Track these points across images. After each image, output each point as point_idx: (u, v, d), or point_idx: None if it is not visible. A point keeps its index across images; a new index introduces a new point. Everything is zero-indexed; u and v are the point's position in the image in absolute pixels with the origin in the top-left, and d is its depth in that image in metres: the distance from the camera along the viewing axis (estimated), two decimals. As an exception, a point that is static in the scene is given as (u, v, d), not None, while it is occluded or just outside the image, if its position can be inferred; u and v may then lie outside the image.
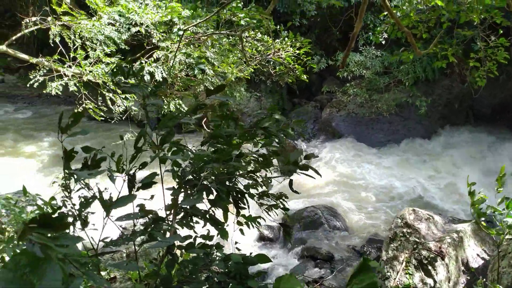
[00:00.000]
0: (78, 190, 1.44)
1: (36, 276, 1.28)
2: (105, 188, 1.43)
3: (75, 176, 1.33)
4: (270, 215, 1.95)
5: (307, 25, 12.63)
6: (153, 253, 3.47)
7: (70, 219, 1.42)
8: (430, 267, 4.52)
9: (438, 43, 5.26)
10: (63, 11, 6.95)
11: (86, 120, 13.85)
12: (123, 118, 8.04)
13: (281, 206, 2.06)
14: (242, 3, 4.27)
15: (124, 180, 1.71)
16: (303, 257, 6.36)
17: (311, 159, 1.82)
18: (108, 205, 1.25)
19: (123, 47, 7.92)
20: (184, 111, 1.73)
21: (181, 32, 4.45)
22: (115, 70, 1.54)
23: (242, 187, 1.91)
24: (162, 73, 6.37)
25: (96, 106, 6.62)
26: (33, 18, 6.77)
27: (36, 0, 15.16)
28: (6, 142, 11.62)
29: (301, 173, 1.70)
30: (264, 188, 1.95)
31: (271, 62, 6.50)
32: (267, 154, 1.82)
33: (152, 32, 6.82)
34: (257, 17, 3.75)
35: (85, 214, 1.32)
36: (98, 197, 1.31)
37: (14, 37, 6.97)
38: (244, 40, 5.01)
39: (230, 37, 5.38)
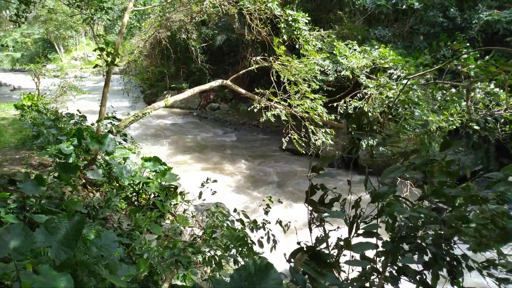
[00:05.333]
0: (318, 226, 1.54)
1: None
2: (338, 227, 1.50)
3: (320, 212, 1.44)
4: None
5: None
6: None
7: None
8: None
9: None
10: (280, 53, 7.91)
11: (278, 150, 15.14)
12: (310, 152, 8.50)
13: None
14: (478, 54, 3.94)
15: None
16: None
17: None
18: (346, 247, 1.30)
19: (326, 88, 8.47)
20: (408, 164, 1.68)
21: (404, 81, 4.42)
22: (351, 119, 1.62)
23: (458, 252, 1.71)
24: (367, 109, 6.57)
25: (300, 137, 7.21)
26: (257, 58, 7.90)
27: (254, 43, 17.67)
28: (214, 159, 13.68)
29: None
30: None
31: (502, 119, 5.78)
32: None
33: (359, 75, 7.05)
34: (493, 69, 3.40)
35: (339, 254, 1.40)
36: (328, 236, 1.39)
37: (240, 73, 8.22)
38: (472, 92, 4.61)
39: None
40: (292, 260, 1.20)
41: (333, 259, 1.29)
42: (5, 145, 8.89)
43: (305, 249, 1.02)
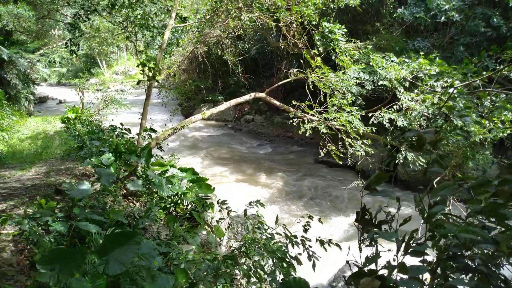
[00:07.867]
0: (368, 246, 1.52)
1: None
2: (389, 250, 1.48)
3: (373, 235, 1.43)
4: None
5: None
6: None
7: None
8: None
9: None
10: (317, 65, 7.92)
11: (313, 162, 15.02)
12: (348, 164, 8.42)
13: None
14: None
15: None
16: None
17: None
18: (400, 271, 1.28)
19: (360, 102, 8.37)
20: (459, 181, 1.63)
21: (451, 89, 4.30)
22: (394, 136, 1.60)
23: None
24: (402, 122, 6.45)
25: (337, 149, 7.16)
26: (294, 70, 7.95)
27: (289, 56, 17.77)
28: (249, 171, 13.75)
29: None
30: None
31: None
32: None
33: (396, 87, 6.92)
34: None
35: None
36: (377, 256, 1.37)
37: (275, 85, 8.29)
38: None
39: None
40: (353, 283, 1.19)
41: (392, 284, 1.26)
42: (51, 156, 9.36)
43: (365, 272, 1.02)
